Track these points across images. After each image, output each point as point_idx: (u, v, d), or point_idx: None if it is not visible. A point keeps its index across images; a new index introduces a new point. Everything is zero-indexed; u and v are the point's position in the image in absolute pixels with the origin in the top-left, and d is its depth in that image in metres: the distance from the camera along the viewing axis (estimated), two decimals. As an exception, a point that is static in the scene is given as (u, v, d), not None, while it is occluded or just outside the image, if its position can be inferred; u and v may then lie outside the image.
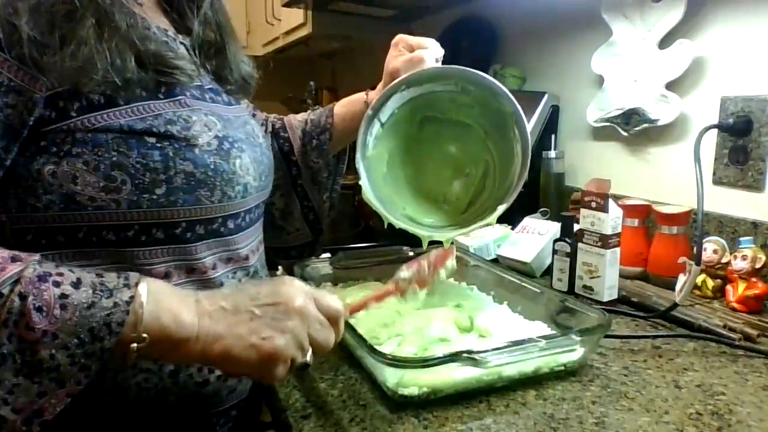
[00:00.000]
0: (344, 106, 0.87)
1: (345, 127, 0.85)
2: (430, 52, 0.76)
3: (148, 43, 0.56)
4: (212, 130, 0.59)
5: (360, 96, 0.85)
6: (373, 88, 0.83)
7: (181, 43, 0.65)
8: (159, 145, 0.54)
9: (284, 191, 0.86)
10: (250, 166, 0.63)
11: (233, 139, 0.61)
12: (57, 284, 0.44)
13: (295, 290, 0.51)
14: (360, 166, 0.75)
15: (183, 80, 0.59)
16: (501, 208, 0.73)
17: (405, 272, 0.64)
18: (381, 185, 0.81)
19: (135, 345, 0.45)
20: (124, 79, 0.53)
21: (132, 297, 0.45)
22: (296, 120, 0.90)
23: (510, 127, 0.76)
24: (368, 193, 0.75)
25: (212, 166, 0.57)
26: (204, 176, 0.57)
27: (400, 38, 0.79)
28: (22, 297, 0.42)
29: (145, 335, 0.45)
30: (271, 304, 0.50)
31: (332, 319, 0.53)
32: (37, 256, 0.46)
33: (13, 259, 0.44)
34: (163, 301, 0.47)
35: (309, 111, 0.91)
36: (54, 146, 0.51)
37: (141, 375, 0.55)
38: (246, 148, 0.63)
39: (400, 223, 0.76)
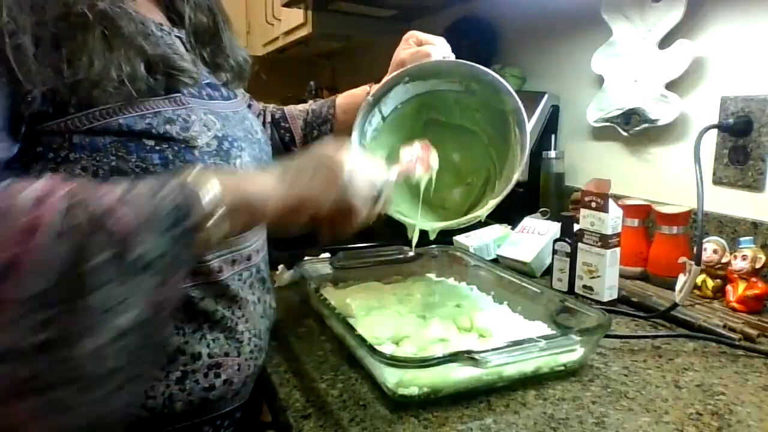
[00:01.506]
0: (347, 98, 0.86)
1: (347, 119, 0.84)
2: (436, 48, 0.77)
3: (156, 47, 0.56)
4: (211, 129, 0.58)
5: (363, 89, 0.85)
6: (378, 82, 0.83)
7: (177, 36, 0.64)
8: (158, 147, 0.53)
9: None
10: (250, 165, 0.63)
11: (233, 138, 0.61)
12: (112, 190, 0.43)
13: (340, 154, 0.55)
14: (354, 148, 0.75)
15: (188, 83, 0.59)
16: (492, 203, 0.72)
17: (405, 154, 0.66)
18: None
19: (217, 214, 0.45)
20: (136, 88, 0.52)
21: (193, 173, 0.46)
22: (297, 110, 0.90)
23: (511, 128, 0.76)
24: None
25: (213, 168, 0.57)
26: None
27: (412, 33, 0.80)
28: (97, 201, 0.41)
29: (218, 205, 0.45)
30: (322, 167, 0.54)
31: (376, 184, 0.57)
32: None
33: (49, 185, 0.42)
34: (222, 171, 0.49)
35: (310, 102, 0.91)
36: (51, 152, 0.50)
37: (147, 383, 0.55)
38: (245, 146, 0.63)
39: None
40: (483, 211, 0.73)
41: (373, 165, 0.59)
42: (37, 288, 0.38)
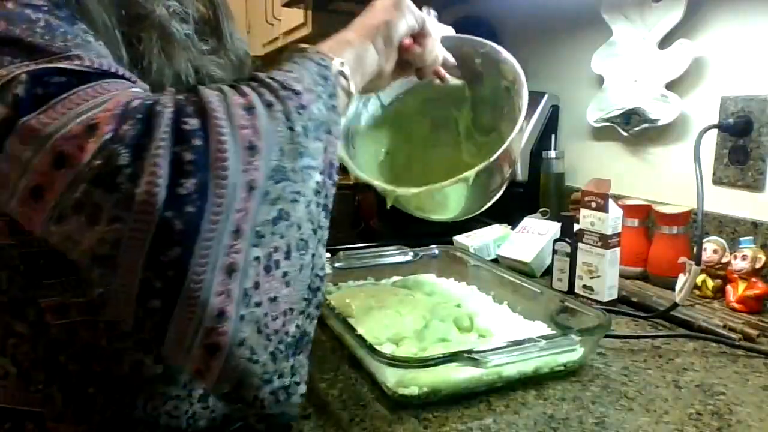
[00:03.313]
0: None
1: None
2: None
3: (197, 54, 0.54)
4: None
5: None
6: None
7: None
8: None
9: None
10: None
11: None
12: (268, 71, 0.46)
13: None
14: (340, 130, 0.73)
15: None
16: (481, 166, 0.69)
17: None
18: (371, 165, 0.78)
19: (345, 69, 0.51)
20: None
21: (304, 48, 0.50)
22: None
23: (515, 107, 0.73)
24: (341, 150, 0.72)
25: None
26: None
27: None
28: (272, 78, 0.43)
29: (340, 59, 0.51)
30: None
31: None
32: None
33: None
34: (323, 43, 0.54)
35: None
36: None
37: (171, 402, 0.53)
38: None
39: (363, 176, 0.72)
40: (470, 173, 0.68)
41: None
42: (273, 162, 0.40)
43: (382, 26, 0.59)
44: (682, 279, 0.83)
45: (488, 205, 0.75)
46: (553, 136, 1.31)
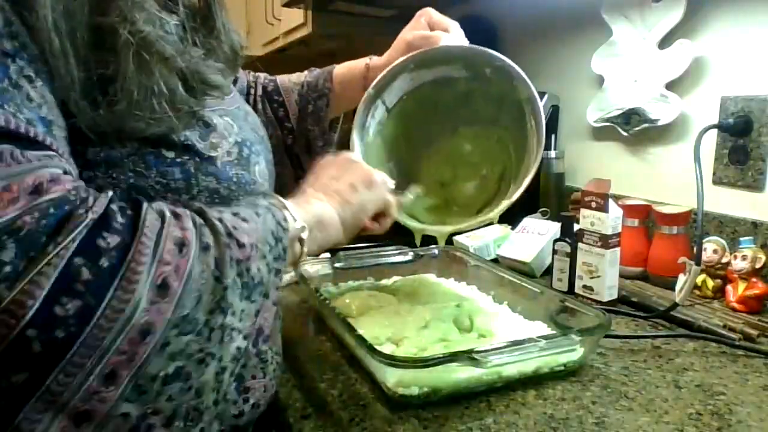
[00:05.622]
0: (344, 69, 0.81)
1: (344, 93, 0.80)
2: (449, 36, 0.73)
3: (188, 59, 0.48)
4: (231, 135, 0.53)
5: (362, 62, 0.80)
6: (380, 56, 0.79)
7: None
8: (179, 160, 0.48)
9: (278, 159, 0.76)
10: (266, 170, 0.58)
11: (249, 141, 0.55)
12: (221, 212, 0.43)
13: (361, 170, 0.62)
14: (357, 147, 0.71)
15: (217, 97, 0.52)
16: (505, 204, 0.70)
17: None
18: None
19: (302, 234, 0.49)
20: (177, 115, 0.46)
21: (273, 200, 0.49)
22: (291, 82, 0.85)
23: (527, 118, 0.72)
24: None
25: (234, 179, 0.52)
26: (228, 191, 0.51)
27: (425, 12, 0.76)
28: (220, 221, 0.41)
29: (303, 224, 0.50)
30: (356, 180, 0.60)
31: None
32: None
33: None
34: (294, 200, 0.53)
35: (306, 72, 0.86)
36: None
37: None
38: (260, 149, 0.58)
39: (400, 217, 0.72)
40: (493, 214, 0.70)
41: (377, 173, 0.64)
42: (184, 311, 0.36)
43: (355, 206, 0.58)
44: (682, 279, 0.83)
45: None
46: (553, 136, 1.31)
